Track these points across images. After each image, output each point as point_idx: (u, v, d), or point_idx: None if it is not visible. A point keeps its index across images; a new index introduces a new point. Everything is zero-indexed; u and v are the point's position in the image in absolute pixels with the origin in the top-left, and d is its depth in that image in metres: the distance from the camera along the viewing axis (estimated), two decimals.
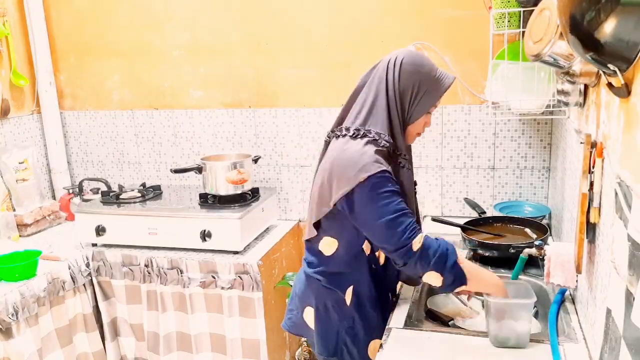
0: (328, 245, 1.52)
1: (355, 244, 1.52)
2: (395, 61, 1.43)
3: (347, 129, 1.45)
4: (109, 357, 2.50)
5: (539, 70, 1.87)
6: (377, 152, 1.38)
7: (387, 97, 1.42)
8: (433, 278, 1.39)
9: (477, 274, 1.43)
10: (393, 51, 1.48)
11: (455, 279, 1.39)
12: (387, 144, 1.41)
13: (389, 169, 1.39)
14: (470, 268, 1.43)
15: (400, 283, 1.75)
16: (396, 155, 1.45)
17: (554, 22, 1.20)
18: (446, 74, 1.47)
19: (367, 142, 1.40)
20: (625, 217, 0.91)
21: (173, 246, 2.39)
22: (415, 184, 1.61)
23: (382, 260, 1.59)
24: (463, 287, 1.42)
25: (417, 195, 1.64)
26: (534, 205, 2.33)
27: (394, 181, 1.39)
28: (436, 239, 1.43)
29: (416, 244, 1.36)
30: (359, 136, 1.42)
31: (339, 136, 1.47)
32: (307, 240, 1.57)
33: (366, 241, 1.52)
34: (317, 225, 1.51)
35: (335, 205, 1.42)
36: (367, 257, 1.55)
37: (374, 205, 1.36)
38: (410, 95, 1.42)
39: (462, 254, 1.62)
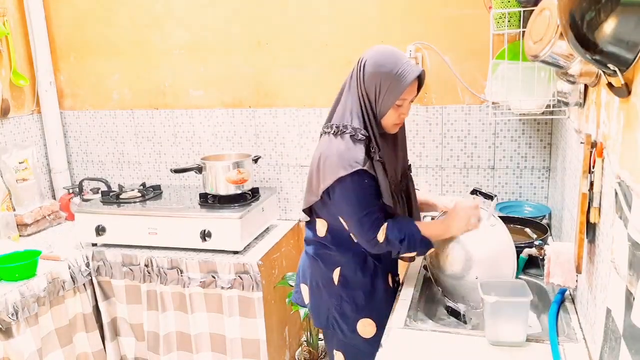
0: (321, 227, 1.70)
1: (343, 229, 1.65)
2: (361, 63, 1.58)
3: (331, 126, 1.61)
4: (109, 357, 2.50)
5: (539, 70, 1.86)
6: (357, 147, 1.53)
7: (357, 96, 1.57)
8: (407, 256, 1.67)
9: (439, 234, 1.65)
10: (365, 50, 1.61)
11: (426, 248, 1.63)
12: (364, 137, 1.54)
13: (366, 166, 1.53)
14: (431, 232, 1.63)
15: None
16: (369, 149, 1.57)
17: (554, 22, 1.20)
18: (410, 69, 1.53)
19: (348, 138, 1.54)
20: (625, 217, 0.91)
21: (173, 246, 2.39)
22: (409, 168, 1.79)
23: None
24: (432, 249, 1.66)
25: (412, 178, 1.80)
26: (534, 205, 2.33)
27: (370, 176, 1.55)
28: (398, 221, 1.60)
29: (380, 236, 1.57)
30: (339, 133, 1.57)
31: (327, 132, 1.63)
32: (307, 221, 1.77)
33: None
34: (309, 210, 1.72)
35: (322, 195, 1.60)
36: (354, 241, 1.65)
37: (347, 200, 1.56)
38: (375, 93, 1.55)
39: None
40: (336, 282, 1.68)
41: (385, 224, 1.57)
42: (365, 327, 1.67)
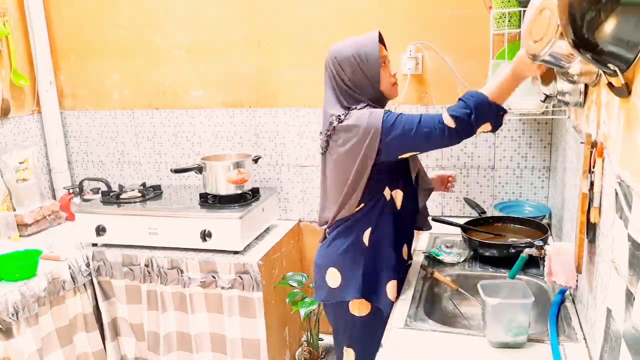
0: (353, 206, 1.65)
1: (376, 190, 1.64)
2: (330, 63, 1.69)
3: (338, 117, 1.62)
4: (109, 357, 2.51)
5: None
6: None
7: (342, 87, 1.65)
8: (484, 128, 1.53)
9: (506, 93, 1.53)
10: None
11: (497, 114, 1.52)
12: (375, 105, 1.62)
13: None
14: (496, 90, 1.51)
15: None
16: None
17: (554, 22, 1.20)
18: (366, 36, 1.62)
19: (364, 106, 1.60)
20: (625, 217, 0.91)
21: (173, 246, 2.39)
22: None
23: (399, 204, 1.69)
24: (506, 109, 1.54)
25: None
26: (534, 205, 2.33)
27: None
28: (460, 100, 1.53)
29: (447, 119, 1.50)
30: (352, 109, 1.61)
31: (332, 129, 1.64)
32: (327, 226, 1.75)
33: (387, 187, 1.65)
34: (324, 214, 1.73)
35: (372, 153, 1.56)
36: (386, 201, 1.67)
37: (398, 128, 1.53)
38: (359, 70, 1.61)
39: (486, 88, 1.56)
40: (367, 244, 1.67)
41: (444, 112, 1.53)
42: (393, 289, 1.69)
